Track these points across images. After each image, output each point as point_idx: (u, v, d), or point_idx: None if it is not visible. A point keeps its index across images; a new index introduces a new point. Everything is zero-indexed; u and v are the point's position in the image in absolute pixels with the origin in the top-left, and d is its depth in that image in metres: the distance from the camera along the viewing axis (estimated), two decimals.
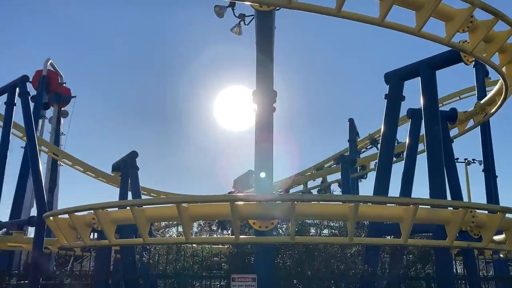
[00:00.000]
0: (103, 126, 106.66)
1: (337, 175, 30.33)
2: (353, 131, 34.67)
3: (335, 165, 34.59)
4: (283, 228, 14.77)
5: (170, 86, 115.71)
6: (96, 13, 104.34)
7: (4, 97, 26.60)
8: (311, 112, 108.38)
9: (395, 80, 15.10)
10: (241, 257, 12.77)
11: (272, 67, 12.59)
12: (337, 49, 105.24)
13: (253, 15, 13.14)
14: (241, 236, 9.62)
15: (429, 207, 10.27)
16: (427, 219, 10.07)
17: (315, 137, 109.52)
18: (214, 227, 35.17)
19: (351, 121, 34.95)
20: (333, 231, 15.70)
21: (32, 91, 31.79)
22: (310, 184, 35.74)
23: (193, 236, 12.38)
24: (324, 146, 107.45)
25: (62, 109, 42.92)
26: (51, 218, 10.60)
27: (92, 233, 11.53)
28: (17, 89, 25.21)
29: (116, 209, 10.14)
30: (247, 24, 13.59)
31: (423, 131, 15.27)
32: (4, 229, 25.71)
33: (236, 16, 13.60)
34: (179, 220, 9.54)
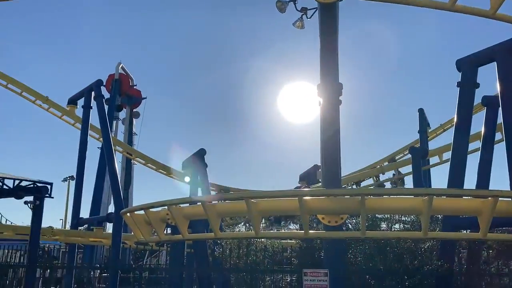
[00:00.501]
0: (171, 125, 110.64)
1: (409, 168, 29.31)
2: (423, 122, 33.35)
3: (406, 157, 33.50)
4: (353, 223, 14.54)
5: (235, 84, 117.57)
6: (162, 15, 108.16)
7: (81, 100, 28.41)
8: (379, 103, 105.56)
9: (468, 66, 14.32)
10: (310, 252, 12.74)
11: (337, 59, 12.38)
12: (402, 37, 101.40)
13: (315, 7, 13.00)
14: (310, 231, 9.59)
15: (511, 199, 9.65)
16: (509, 213, 9.48)
17: (384, 129, 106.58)
18: (282, 222, 35.33)
19: (421, 111, 33.63)
20: (405, 225, 15.22)
21: (106, 94, 33.62)
22: (381, 177, 34.86)
23: (262, 231, 12.52)
24: (394, 138, 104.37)
25: (134, 110, 45.04)
26: (128, 214, 11.12)
27: (166, 228, 12.03)
28: (93, 92, 26.81)
29: (188, 205, 10.48)
30: (310, 18, 13.48)
31: (499, 119, 14.40)
32: (85, 225, 27.37)
33: (298, 10, 13.53)
34: (248, 215, 9.68)
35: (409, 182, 31.48)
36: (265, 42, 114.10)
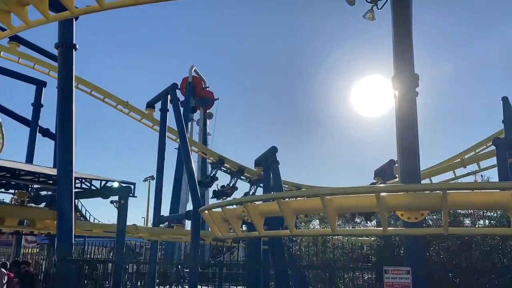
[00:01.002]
0: (243, 124, 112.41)
1: (492, 160, 27.41)
2: (508, 111, 31.04)
3: (489, 149, 31.39)
4: (433, 219, 13.91)
5: (306, 81, 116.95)
6: (232, 16, 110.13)
7: (158, 104, 29.71)
8: (458, 94, 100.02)
9: None
10: (389, 249, 12.39)
11: (411, 49, 11.90)
12: (478, 24, 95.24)
13: None
14: (389, 228, 9.32)
15: None
16: None
17: (465, 121, 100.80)
18: (357, 219, 34.62)
19: (505, 99, 31.33)
20: (491, 222, 14.29)
21: (180, 97, 34.88)
22: (461, 171, 32.97)
23: (339, 228, 12.37)
24: (475, 130, 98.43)
25: (207, 111, 46.40)
26: (205, 211, 11.44)
27: (242, 225, 12.25)
28: (169, 96, 27.95)
29: (260, 202, 10.56)
30: (380, 8, 13.08)
31: None
32: (166, 223, 28.59)
33: (368, 1, 13.18)
34: (324, 212, 9.59)
35: (492, 176, 29.49)
36: (336, 38, 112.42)
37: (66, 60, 16.06)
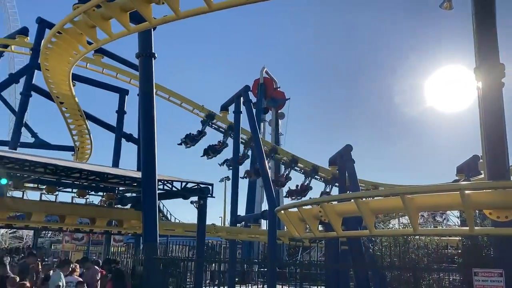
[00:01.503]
0: (315, 123, 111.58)
1: None
2: None
3: None
4: None
5: (378, 79, 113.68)
6: (300, 16, 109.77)
7: (232, 106, 30.36)
8: None
9: None
10: (476, 249, 11.72)
11: (495, 37, 11.18)
12: None
13: None
14: (476, 228, 8.84)
15: None
16: None
17: None
18: (439, 218, 33.02)
19: None
20: None
21: (252, 98, 35.40)
22: None
23: (421, 228, 11.92)
24: None
25: (279, 111, 46.67)
26: (282, 211, 11.53)
27: (319, 225, 12.19)
28: (242, 98, 28.47)
29: (336, 202, 10.44)
30: None
31: None
32: (243, 222, 29.15)
33: None
34: (405, 212, 9.30)
35: None
36: (409, 31, 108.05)
37: (147, 69, 16.91)
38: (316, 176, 32.38)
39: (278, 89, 46.68)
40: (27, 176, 18.44)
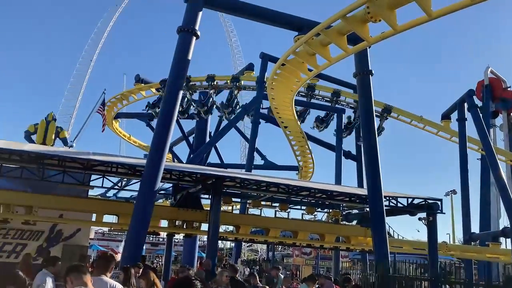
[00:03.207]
0: None
1: None
2: None
3: None
4: None
5: None
6: None
7: (454, 114, 28.18)
8: None
9: None
10: None
11: None
12: None
13: None
14: None
15: None
16: None
17: None
18: None
19: None
20: None
21: (477, 102, 32.17)
22: None
23: None
24: None
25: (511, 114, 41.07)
26: None
27: None
28: (465, 104, 26.21)
29: None
30: None
31: None
32: (478, 240, 26.41)
33: None
34: None
35: None
36: None
37: (365, 86, 17.10)
38: None
39: (509, 89, 41.17)
40: (263, 196, 20.56)
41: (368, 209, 17.78)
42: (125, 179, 20.45)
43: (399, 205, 19.53)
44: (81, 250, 19.31)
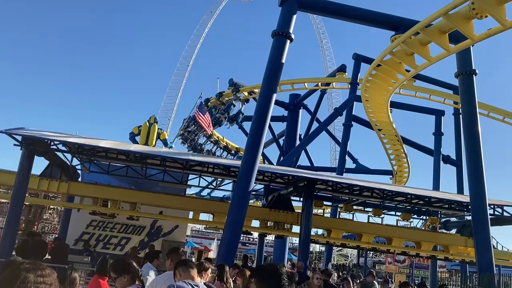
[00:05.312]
0: None
1: None
2: None
3: None
4: None
5: None
6: None
7: None
8: None
9: None
10: None
11: None
12: None
13: None
14: None
15: None
16: None
17: None
18: None
19: None
20: None
21: None
22: None
23: None
24: None
25: None
26: None
27: None
28: None
29: None
30: None
31: None
32: None
33: None
34: None
35: None
36: None
37: (468, 87, 16.09)
38: None
39: None
40: (355, 200, 20.15)
41: (469, 217, 16.70)
42: (220, 179, 21.23)
43: (505, 214, 18.13)
44: (178, 246, 20.37)
